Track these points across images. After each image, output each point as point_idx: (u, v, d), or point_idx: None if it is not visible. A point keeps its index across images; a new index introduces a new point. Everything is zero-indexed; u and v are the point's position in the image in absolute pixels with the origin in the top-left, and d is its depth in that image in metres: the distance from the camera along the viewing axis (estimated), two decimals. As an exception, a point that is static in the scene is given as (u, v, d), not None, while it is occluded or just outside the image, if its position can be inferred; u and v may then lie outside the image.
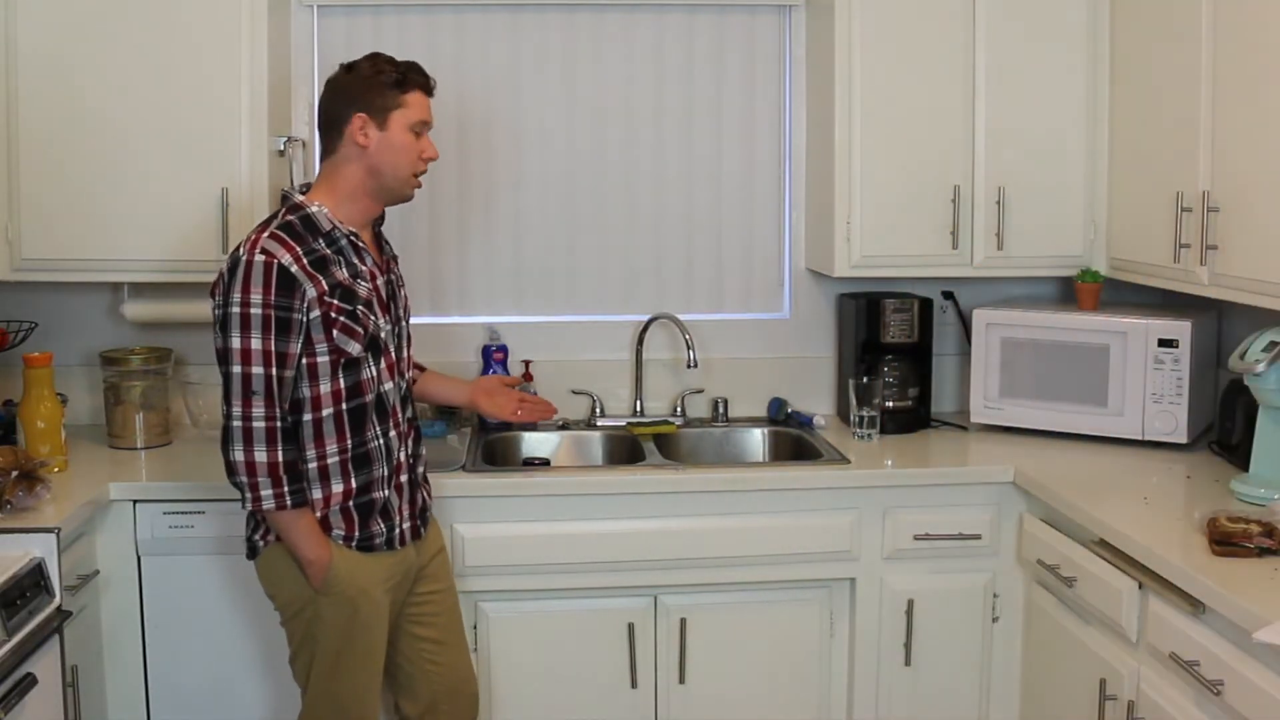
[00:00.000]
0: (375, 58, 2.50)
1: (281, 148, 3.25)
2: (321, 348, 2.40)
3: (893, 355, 3.46)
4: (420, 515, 2.64)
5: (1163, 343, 3.13)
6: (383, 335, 2.50)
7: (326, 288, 2.39)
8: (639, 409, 3.57)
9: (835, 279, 3.41)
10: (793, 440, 3.49)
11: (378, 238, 2.62)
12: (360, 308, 2.44)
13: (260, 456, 2.36)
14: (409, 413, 2.62)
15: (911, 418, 3.47)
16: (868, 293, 3.53)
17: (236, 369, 2.35)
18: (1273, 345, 2.64)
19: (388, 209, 2.62)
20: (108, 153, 3.07)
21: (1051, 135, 3.30)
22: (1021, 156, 3.29)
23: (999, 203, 3.29)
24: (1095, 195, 3.31)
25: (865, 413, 3.36)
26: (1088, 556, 2.67)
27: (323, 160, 2.55)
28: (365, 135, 2.46)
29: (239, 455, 2.36)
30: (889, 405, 3.43)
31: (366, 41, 3.45)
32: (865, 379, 3.37)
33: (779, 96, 3.59)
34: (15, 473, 2.66)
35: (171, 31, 3.06)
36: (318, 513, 2.46)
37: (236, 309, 2.34)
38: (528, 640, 3.03)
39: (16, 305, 3.33)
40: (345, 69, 2.52)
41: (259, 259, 2.35)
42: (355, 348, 2.43)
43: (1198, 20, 2.78)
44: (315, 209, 2.45)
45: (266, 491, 2.37)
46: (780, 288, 3.68)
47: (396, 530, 2.54)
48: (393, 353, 2.54)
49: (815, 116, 3.49)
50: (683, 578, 3.03)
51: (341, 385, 2.43)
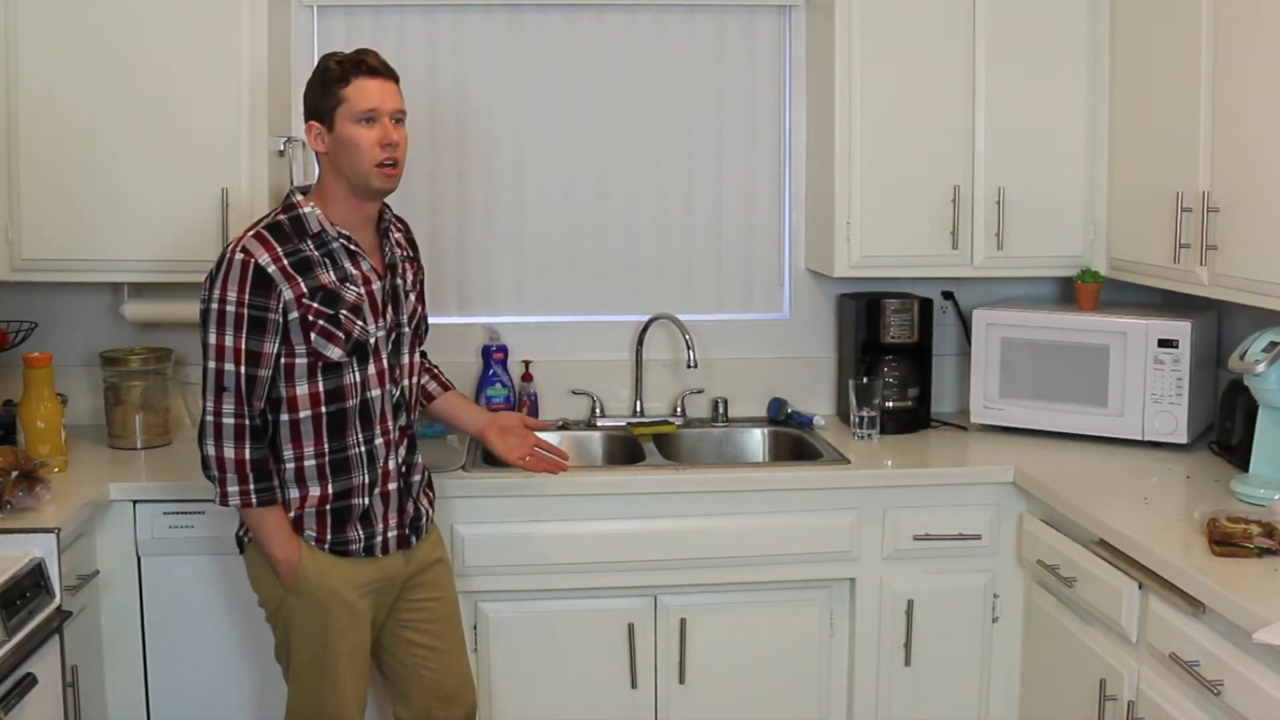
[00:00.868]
0: (323, 60, 2.46)
1: (281, 148, 3.25)
2: (300, 349, 2.39)
3: (893, 355, 3.46)
4: (412, 525, 2.59)
5: (1163, 343, 3.13)
6: (371, 341, 2.46)
7: (306, 290, 2.38)
8: (639, 409, 3.57)
9: (835, 279, 3.41)
10: (793, 440, 3.49)
11: (384, 240, 2.57)
12: (344, 312, 2.41)
13: (228, 452, 2.38)
14: (402, 420, 2.57)
15: (911, 418, 3.47)
16: (868, 293, 3.53)
17: (211, 364, 2.37)
18: (1273, 345, 2.64)
19: (398, 210, 2.62)
20: (108, 153, 3.07)
21: (1051, 135, 3.30)
22: (1021, 156, 3.29)
23: (999, 203, 3.29)
24: (1095, 195, 3.31)
25: (865, 413, 3.36)
26: (1088, 557, 2.67)
27: None
28: (320, 141, 2.45)
29: (210, 450, 2.39)
30: (889, 405, 3.43)
31: (366, 41, 3.43)
32: (865, 379, 3.37)
33: (779, 96, 3.60)
34: (15, 473, 2.66)
35: (171, 32, 3.06)
36: (291, 513, 2.46)
37: (215, 305, 2.37)
38: (527, 640, 3.02)
39: (16, 305, 3.33)
40: None
41: (238, 257, 2.36)
42: (335, 352, 2.41)
43: (1197, 21, 2.78)
44: (308, 210, 2.44)
45: (233, 488, 2.40)
46: (780, 288, 3.68)
47: (378, 538, 2.52)
48: (384, 359, 2.50)
49: (815, 116, 3.49)
50: (683, 578, 3.03)
51: (320, 389, 2.42)
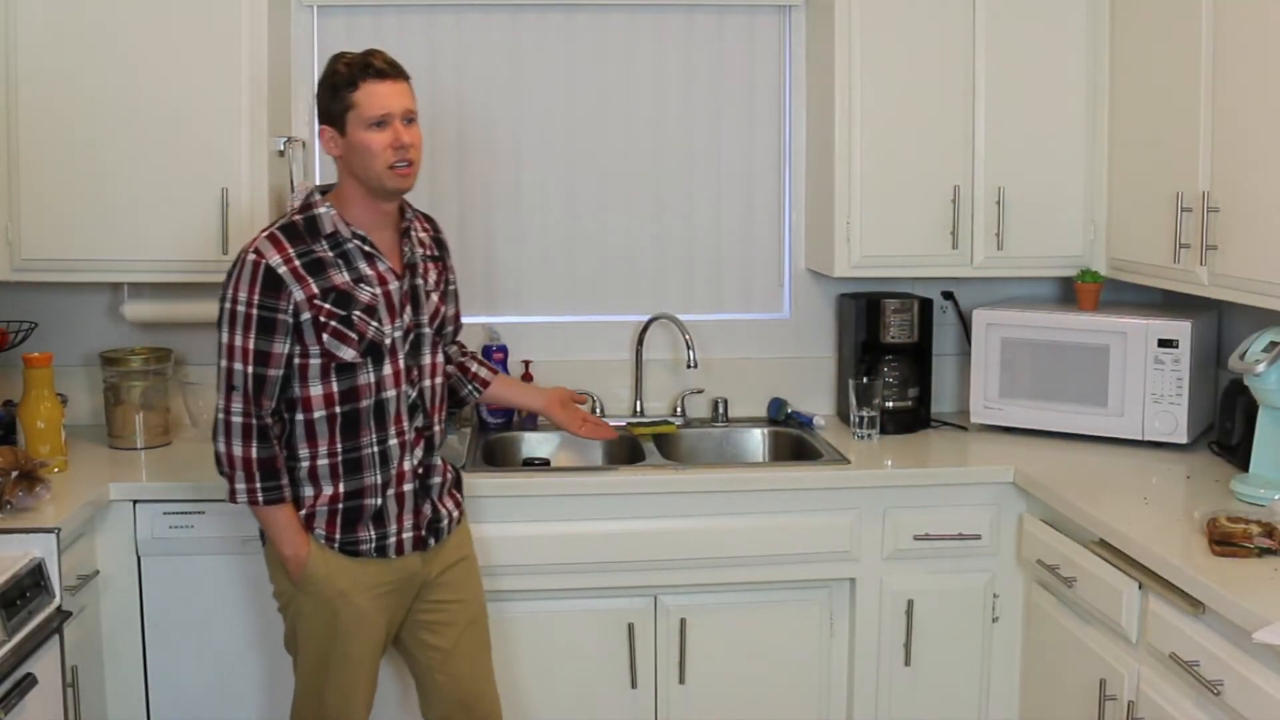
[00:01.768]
0: (332, 61, 2.45)
1: (281, 148, 3.24)
2: (314, 350, 2.40)
3: (893, 355, 3.46)
4: (430, 526, 2.57)
5: (1163, 343, 3.13)
6: (387, 342, 2.46)
7: (317, 291, 2.38)
8: (639, 409, 3.57)
9: (835, 279, 3.41)
10: (793, 440, 3.49)
11: (404, 240, 2.55)
12: (357, 313, 2.41)
13: (237, 450, 2.41)
14: (419, 421, 2.54)
15: (911, 418, 3.47)
16: (868, 293, 3.53)
17: (223, 363, 2.41)
18: (1273, 345, 2.64)
19: (416, 207, 2.63)
20: (108, 153, 3.07)
21: (1051, 135, 3.30)
22: (1021, 156, 3.29)
23: (999, 203, 3.29)
24: (1095, 195, 3.31)
25: (865, 413, 3.36)
26: (1088, 556, 2.67)
27: None
28: (334, 144, 2.45)
29: (221, 447, 2.43)
30: (889, 405, 3.43)
31: (366, 41, 3.42)
32: (865, 379, 3.37)
33: (779, 96, 3.59)
34: (15, 473, 2.66)
35: (171, 32, 3.06)
36: (303, 510, 2.47)
37: (228, 305, 2.40)
38: (527, 640, 3.02)
39: (16, 305, 3.33)
40: None
41: (250, 258, 2.38)
42: (348, 353, 2.41)
43: (1198, 20, 2.78)
44: (323, 211, 2.45)
45: (241, 485, 2.42)
46: (780, 288, 3.68)
47: (391, 539, 2.51)
48: (400, 360, 2.48)
49: (815, 116, 3.49)
50: (683, 578, 3.03)
51: (334, 389, 2.43)
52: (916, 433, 3.45)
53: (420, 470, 2.55)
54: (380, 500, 2.49)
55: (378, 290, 2.45)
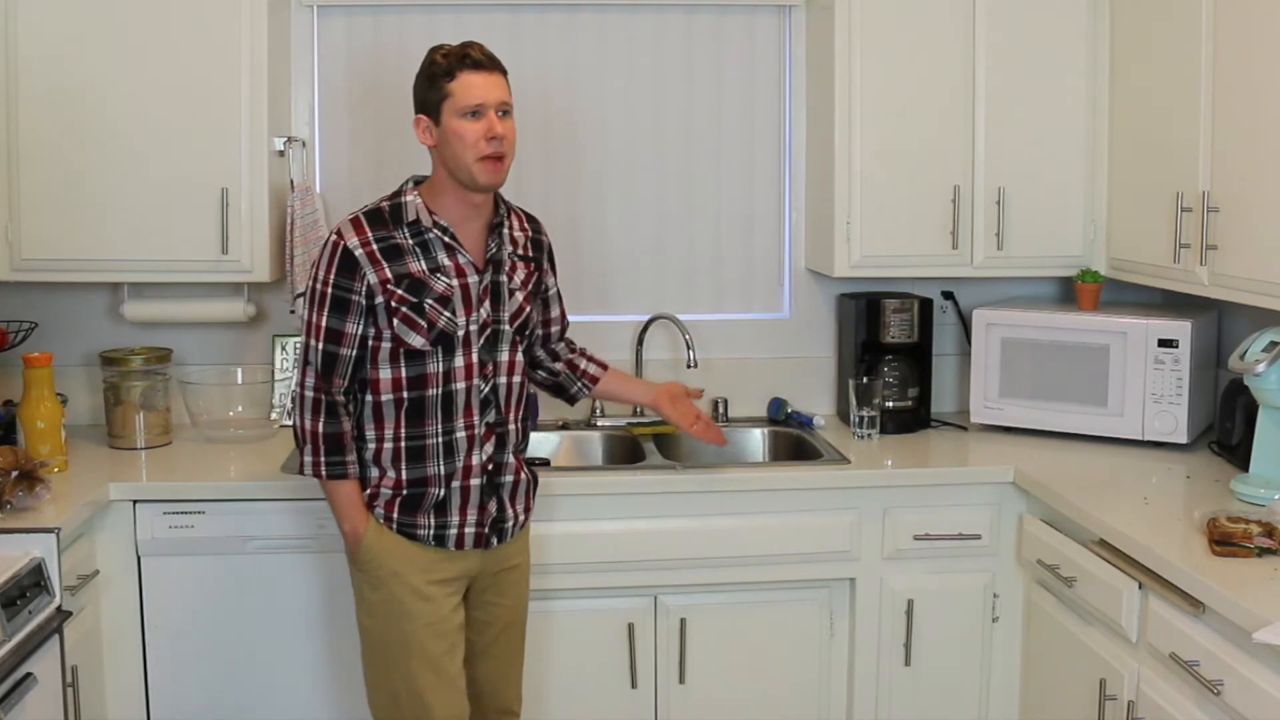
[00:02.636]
0: (430, 52, 2.48)
1: (281, 148, 3.25)
2: (385, 334, 2.44)
3: (893, 355, 3.46)
4: (494, 525, 2.53)
5: (1163, 343, 3.13)
6: (460, 333, 2.45)
7: (391, 276, 2.42)
8: (639, 409, 3.56)
9: (835, 279, 3.41)
10: (793, 440, 3.49)
11: (493, 235, 2.53)
12: (429, 302, 2.42)
13: (306, 423, 2.47)
14: (490, 416, 2.51)
15: (911, 418, 3.47)
16: (868, 293, 3.53)
17: (302, 339, 2.48)
18: (1273, 345, 2.64)
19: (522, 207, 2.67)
20: (108, 153, 3.08)
21: (1051, 135, 3.30)
22: (1021, 156, 3.29)
23: (999, 203, 3.29)
24: (1095, 195, 3.31)
25: (865, 413, 3.36)
26: (1088, 556, 2.67)
27: None
28: (428, 135, 2.47)
29: (295, 419, 2.49)
30: (889, 405, 3.43)
31: (366, 41, 3.46)
32: (865, 379, 3.37)
33: (779, 96, 3.59)
34: (15, 473, 2.66)
35: (171, 32, 3.07)
36: (368, 490, 2.49)
37: (310, 284, 2.47)
38: (528, 639, 3.01)
39: (16, 305, 3.33)
40: None
41: (331, 239, 2.45)
42: (417, 340, 2.43)
43: (1197, 21, 2.78)
44: (409, 199, 2.48)
45: (308, 458, 2.48)
46: (780, 288, 3.68)
47: (451, 530, 2.49)
48: (474, 354, 2.47)
49: (815, 116, 3.49)
50: (683, 578, 3.03)
51: (403, 374, 2.45)
52: (916, 433, 3.45)
53: (489, 466, 2.53)
54: (444, 491, 2.49)
55: (454, 282, 2.45)
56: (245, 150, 3.12)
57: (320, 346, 2.43)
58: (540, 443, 3.45)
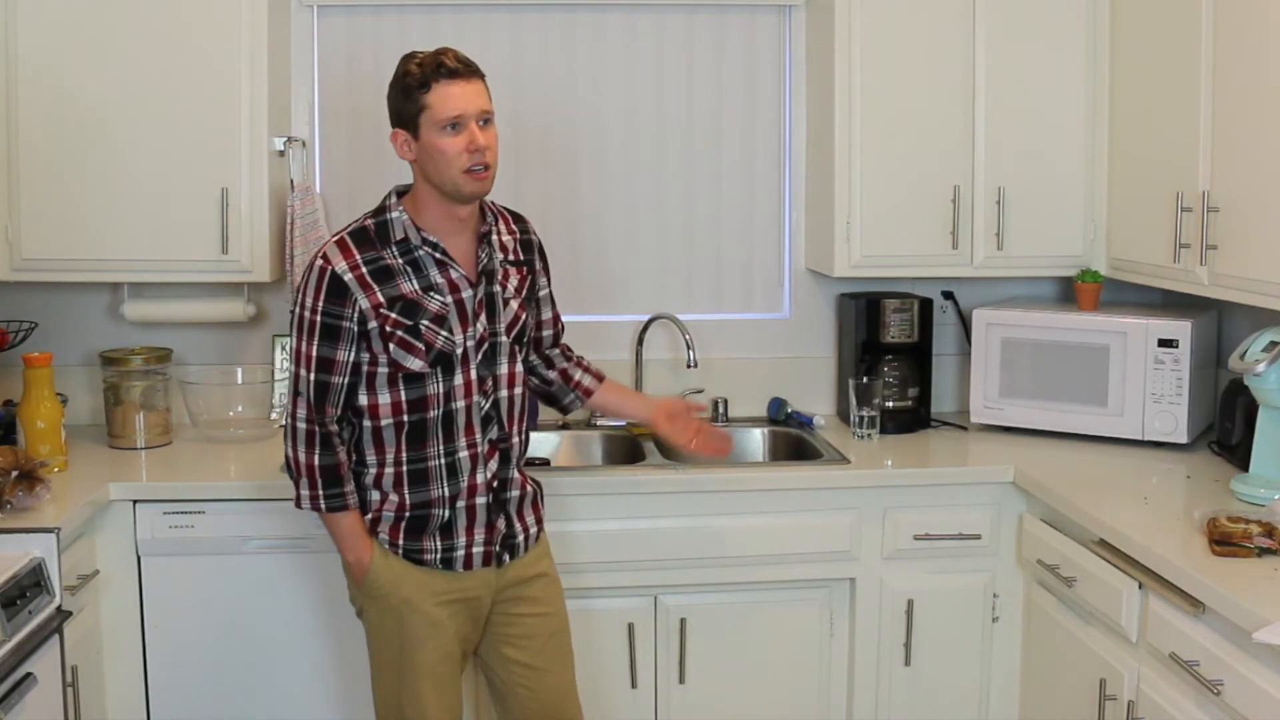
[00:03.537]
0: (403, 62, 2.36)
1: (281, 148, 3.25)
2: (382, 359, 2.36)
3: (893, 355, 3.46)
4: (504, 542, 2.48)
5: (1163, 343, 3.13)
6: (457, 352, 2.38)
7: (383, 299, 2.34)
8: (639, 409, 3.57)
9: (835, 279, 3.41)
10: (793, 440, 3.49)
11: (483, 245, 2.46)
12: (424, 323, 2.35)
13: (301, 456, 2.40)
14: (493, 433, 2.45)
15: (911, 418, 3.47)
16: (868, 293, 3.53)
17: (291, 369, 2.40)
18: (1273, 345, 2.64)
19: (505, 206, 2.61)
20: (108, 153, 3.08)
21: (1051, 135, 3.30)
22: (1021, 156, 3.29)
23: (999, 203, 3.29)
24: (1095, 195, 3.31)
25: (865, 413, 3.36)
26: (1088, 556, 2.67)
27: None
28: (407, 148, 2.37)
29: (288, 451, 2.42)
30: (889, 405, 3.43)
31: (366, 41, 3.45)
32: (865, 379, 3.37)
33: (779, 96, 3.59)
34: (15, 473, 2.66)
35: (171, 32, 3.07)
36: (370, 514, 2.44)
37: (296, 310, 2.39)
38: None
39: (16, 305, 3.33)
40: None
41: (318, 263, 2.36)
42: (415, 363, 2.36)
43: (1198, 21, 2.78)
44: (395, 215, 2.39)
45: (304, 491, 2.41)
46: (780, 288, 3.68)
47: (459, 552, 2.44)
48: (472, 370, 2.40)
49: (815, 116, 3.49)
50: (683, 578, 3.03)
51: (403, 398, 2.38)
52: (916, 433, 3.45)
53: (495, 484, 2.46)
54: (449, 513, 2.42)
55: (448, 299, 2.38)
56: (245, 150, 3.12)
57: (312, 377, 2.35)
58: (540, 443, 3.44)
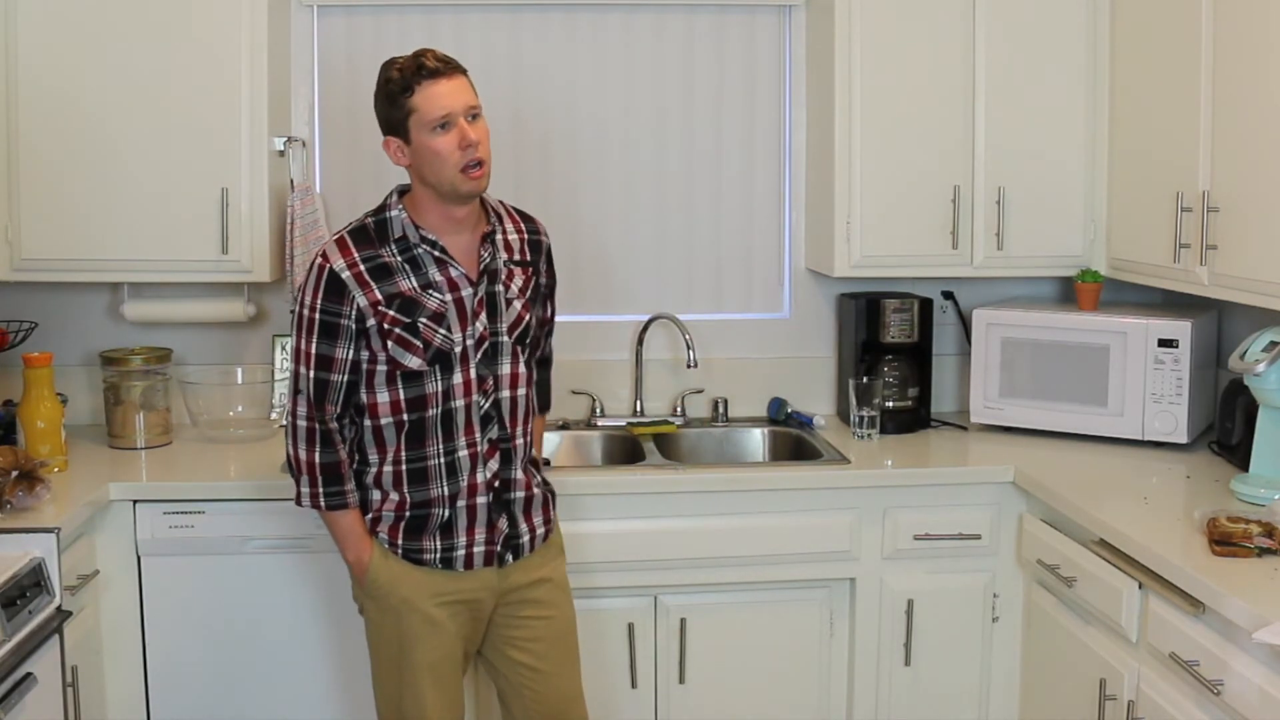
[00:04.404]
0: (383, 70, 2.36)
1: (281, 148, 3.25)
2: (381, 357, 2.37)
3: (893, 355, 3.46)
4: (506, 542, 2.47)
5: (1163, 343, 3.13)
6: (456, 350, 2.38)
7: (381, 297, 2.34)
8: (639, 409, 3.57)
9: (835, 279, 3.41)
10: (793, 440, 3.49)
11: (486, 244, 2.44)
12: (423, 321, 2.36)
13: (301, 454, 2.41)
14: (493, 432, 2.44)
15: (911, 418, 3.47)
16: (868, 293, 3.53)
17: (292, 366, 2.41)
18: (1273, 345, 2.64)
19: (515, 206, 2.60)
20: (108, 153, 3.08)
21: (1051, 135, 3.30)
22: (1021, 156, 3.29)
23: (999, 203, 3.29)
24: (1095, 195, 3.31)
25: (865, 413, 3.36)
26: (1088, 556, 2.67)
27: None
28: (401, 155, 2.37)
29: (289, 448, 2.43)
30: (889, 405, 3.43)
31: (367, 41, 3.45)
32: (865, 379, 3.37)
33: (779, 96, 3.59)
34: (15, 473, 2.66)
35: (171, 32, 3.07)
36: (369, 514, 2.45)
37: (297, 308, 2.41)
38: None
39: (16, 305, 3.33)
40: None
41: (317, 261, 2.38)
42: (414, 361, 2.36)
43: (1197, 21, 2.78)
44: (394, 214, 2.40)
45: (305, 489, 2.42)
46: (780, 288, 3.68)
47: (459, 552, 2.43)
48: (471, 370, 2.40)
49: (815, 116, 3.49)
50: (683, 578, 3.03)
51: (401, 397, 2.39)
52: (916, 433, 3.45)
53: (496, 483, 2.46)
54: (448, 512, 2.42)
55: (447, 297, 2.38)
56: (245, 150, 3.12)
57: (311, 374, 2.37)
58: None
